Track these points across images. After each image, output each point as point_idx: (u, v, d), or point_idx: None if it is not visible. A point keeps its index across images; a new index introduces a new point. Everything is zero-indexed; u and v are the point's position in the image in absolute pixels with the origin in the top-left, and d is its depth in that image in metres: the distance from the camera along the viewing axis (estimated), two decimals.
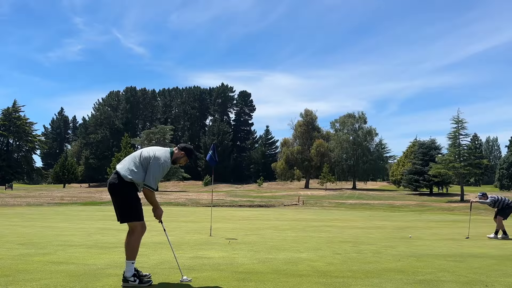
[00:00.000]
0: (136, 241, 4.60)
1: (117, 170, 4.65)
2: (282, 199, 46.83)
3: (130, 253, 4.57)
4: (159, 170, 4.60)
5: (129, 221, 4.59)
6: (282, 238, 9.89)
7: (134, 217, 4.58)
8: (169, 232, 10.66)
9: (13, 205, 30.93)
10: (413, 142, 73.34)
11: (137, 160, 4.65)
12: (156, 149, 4.77)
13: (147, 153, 4.69)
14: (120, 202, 4.60)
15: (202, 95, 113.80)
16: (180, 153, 4.86)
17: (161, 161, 4.61)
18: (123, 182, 4.57)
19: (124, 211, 4.59)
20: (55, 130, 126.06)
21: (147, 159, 4.63)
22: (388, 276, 5.30)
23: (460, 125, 49.50)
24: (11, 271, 5.15)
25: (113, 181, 4.61)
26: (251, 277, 5.07)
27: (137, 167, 4.61)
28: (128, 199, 4.58)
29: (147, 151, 4.74)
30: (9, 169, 78.70)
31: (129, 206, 4.58)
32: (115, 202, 4.66)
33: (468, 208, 35.77)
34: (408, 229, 13.83)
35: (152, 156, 4.63)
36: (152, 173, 4.56)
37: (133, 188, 4.61)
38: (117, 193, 4.60)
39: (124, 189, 4.57)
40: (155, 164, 4.58)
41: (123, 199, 4.59)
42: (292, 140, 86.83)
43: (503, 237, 11.49)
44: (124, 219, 4.60)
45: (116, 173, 4.65)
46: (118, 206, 4.63)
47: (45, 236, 9.32)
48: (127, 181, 4.56)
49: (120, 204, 4.61)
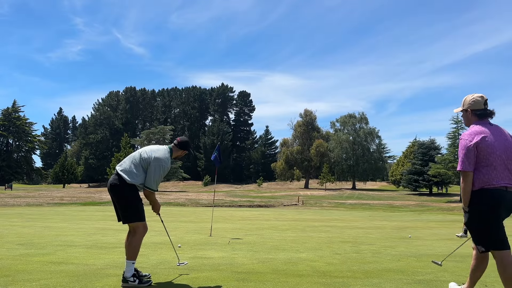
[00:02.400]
0: (137, 241, 4.60)
1: (117, 172, 4.64)
2: (281, 199, 46.83)
3: (131, 253, 4.56)
4: (159, 171, 4.60)
5: (131, 222, 4.59)
6: (282, 238, 9.89)
7: (137, 217, 4.58)
8: (169, 232, 10.67)
9: (12, 205, 30.91)
10: (413, 142, 73.45)
11: (137, 162, 4.63)
12: (155, 149, 4.76)
13: (146, 154, 4.67)
14: (122, 203, 4.59)
15: (202, 95, 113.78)
16: (178, 151, 4.91)
17: (161, 163, 4.61)
18: (124, 183, 4.55)
19: (127, 212, 4.58)
20: (55, 130, 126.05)
21: (147, 161, 4.61)
22: (387, 276, 5.30)
23: (459, 125, 49.56)
24: (11, 271, 5.15)
25: (114, 182, 4.59)
26: (251, 277, 5.07)
27: (137, 169, 4.60)
28: (130, 200, 4.57)
29: (146, 152, 4.71)
30: (9, 169, 78.68)
31: (131, 207, 4.58)
32: (117, 203, 4.64)
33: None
34: (408, 229, 13.83)
35: (152, 157, 4.61)
36: (152, 175, 4.57)
37: (134, 188, 4.60)
38: (119, 194, 4.58)
39: (125, 190, 4.56)
40: (156, 166, 4.58)
41: (125, 200, 4.58)
42: (292, 140, 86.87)
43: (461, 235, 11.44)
44: (127, 220, 4.60)
45: (117, 174, 4.63)
46: (120, 207, 4.62)
47: (44, 236, 9.32)
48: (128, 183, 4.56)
49: (122, 205, 4.60)
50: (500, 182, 3.64)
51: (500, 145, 3.68)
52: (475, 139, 3.66)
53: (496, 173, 3.64)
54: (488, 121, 3.83)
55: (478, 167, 3.67)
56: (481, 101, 3.80)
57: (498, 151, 3.65)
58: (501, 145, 3.68)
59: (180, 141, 4.92)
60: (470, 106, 3.85)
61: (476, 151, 3.65)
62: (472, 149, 3.64)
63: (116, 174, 4.64)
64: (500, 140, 3.71)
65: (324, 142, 79.15)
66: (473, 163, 3.65)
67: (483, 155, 3.64)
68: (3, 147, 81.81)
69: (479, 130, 3.71)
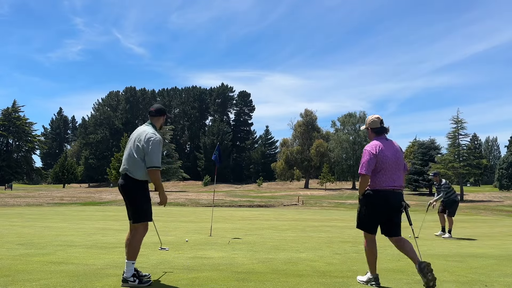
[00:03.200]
0: (138, 241, 4.62)
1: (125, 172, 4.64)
2: (281, 199, 46.81)
3: (132, 253, 4.58)
4: (156, 147, 4.55)
5: (140, 222, 4.61)
6: (282, 238, 9.89)
7: (144, 217, 4.62)
8: (169, 232, 10.68)
9: (12, 205, 30.91)
10: (413, 142, 73.38)
11: (136, 157, 4.57)
12: (141, 134, 4.65)
13: (138, 145, 4.59)
14: (132, 202, 4.63)
15: (201, 95, 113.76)
16: (159, 119, 4.93)
17: (153, 139, 4.55)
18: (132, 182, 4.57)
19: (136, 212, 4.61)
20: (55, 130, 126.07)
21: (142, 148, 4.54)
22: (387, 276, 5.30)
23: (459, 125, 49.56)
24: (11, 271, 5.14)
25: (123, 183, 4.63)
26: (251, 277, 5.07)
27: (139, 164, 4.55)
28: (139, 200, 4.61)
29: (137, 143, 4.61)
30: (9, 169, 78.65)
31: (140, 207, 4.61)
32: (128, 203, 4.68)
33: (467, 208, 35.80)
34: (408, 229, 13.82)
35: (144, 141, 4.54)
36: (151, 153, 4.50)
37: (143, 187, 4.62)
38: (128, 194, 4.62)
39: (134, 189, 4.59)
40: (151, 145, 4.51)
41: (134, 200, 4.62)
42: (292, 140, 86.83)
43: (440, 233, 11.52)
44: (136, 220, 4.61)
45: (124, 174, 4.65)
46: (131, 206, 4.65)
47: (44, 236, 9.31)
48: (136, 180, 4.56)
49: (131, 204, 4.64)
50: (389, 185, 4.64)
51: (392, 156, 4.67)
52: (376, 150, 4.63)
53: (386, 177, 4.64)
54: (384, 136, 4.83)
55: (374, 172, 4.64)
56: (377, 121, 4.83)
57: (390, 160, 4.64)
58: (393, 156, 4.68)
59: (155, 109, 4.93)
60: (370, 125, 4.86)
61: (376, 159, 4.60)
62: (373, 158, 4.60)
63: (123, 175, 4.66)
64: (392, 152, 4.70)
65: (324, 142, 79.09)
66: (371, 168, 4.62)
67: (379, 163, 4.61)
68: (3, 147, 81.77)
69: (378, 144, 4.70)
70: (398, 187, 4.70)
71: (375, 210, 4.68)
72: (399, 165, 4.73)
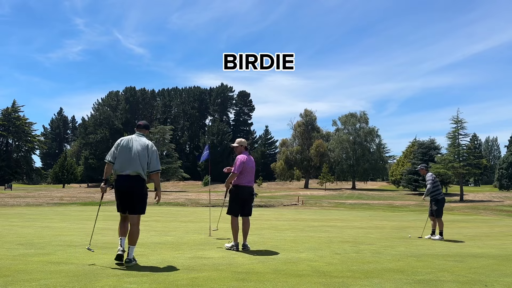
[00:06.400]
0: (138, 230, 5.76)
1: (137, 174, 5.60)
2: (281, 199, 46.80)
3: (135, 240, 5.69)
4: (157, 153, 5.86)
5: (143, 213, 5.77)
6: (282, 238, 9.89)
7: (145, 210, 5.82)
8: (169, 233, 10.67)
9: (12, 205, 30.89)
10: (413, 142, 73.33)
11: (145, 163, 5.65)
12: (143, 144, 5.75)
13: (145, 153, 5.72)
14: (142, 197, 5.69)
15: (201, 95, 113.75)
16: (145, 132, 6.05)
17: (155, 148, 5.87)
18: (143, 181, 5.64)
19: (143, 206, 5.75)
20: (54, 130, 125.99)
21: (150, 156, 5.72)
22: (387, 276, 5.30)
23: (459, 125, 49.50)
24: (11, 271, 5.14)
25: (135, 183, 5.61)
26: (251, 277, 5.07)
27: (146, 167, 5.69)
28: (145, 195, 5.74)
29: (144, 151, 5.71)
30: (9, 169, 78.58)
31: (145, 201, 5.77)
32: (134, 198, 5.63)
33: (467, 208, 35.81)
34: (408, 229, 13.84)
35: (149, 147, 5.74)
36: (156, 158, 5.76)
37: (146, 185, 5.69)
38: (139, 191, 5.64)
39: (144, 188, 5.69)
40: (155, 152, 5.79)
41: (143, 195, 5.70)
42: (292, 140, 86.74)
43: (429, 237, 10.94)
44: (142, 211, 5.73)
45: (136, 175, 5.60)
46: (139, 201, 5.66)
47: (44, 236, 9.31)
48: (144, 179, 5.63)
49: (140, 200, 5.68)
50: (247, 183, 7.44)
51: (250, 164, 7.48)
52: (245, 159, 7.35)
53: (246, 178, 7.39)
54: (247, 151, 7.66)
55: (240, 173, 7.29)
56: (245, 142, 7.76)
57: (249, 166, 7.41)
58: (251, 164, 7.51)
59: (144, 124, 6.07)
60: (243, 143, 7.64)
61: (243, 165, 7.29)
62: (242, 163, 7.30)
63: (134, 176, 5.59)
64: (251, 161, 7.55)
65: (324, 142, 79.04)
66: (240, 170, 7.27)
67: (244, 167, 7.31)
68: (3, 147, 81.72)
69: (245, 156, 7.45)
70: (251, 184, 7.53)
71: (238, 198, 7.37)
72: (253, 171, 7.52)
